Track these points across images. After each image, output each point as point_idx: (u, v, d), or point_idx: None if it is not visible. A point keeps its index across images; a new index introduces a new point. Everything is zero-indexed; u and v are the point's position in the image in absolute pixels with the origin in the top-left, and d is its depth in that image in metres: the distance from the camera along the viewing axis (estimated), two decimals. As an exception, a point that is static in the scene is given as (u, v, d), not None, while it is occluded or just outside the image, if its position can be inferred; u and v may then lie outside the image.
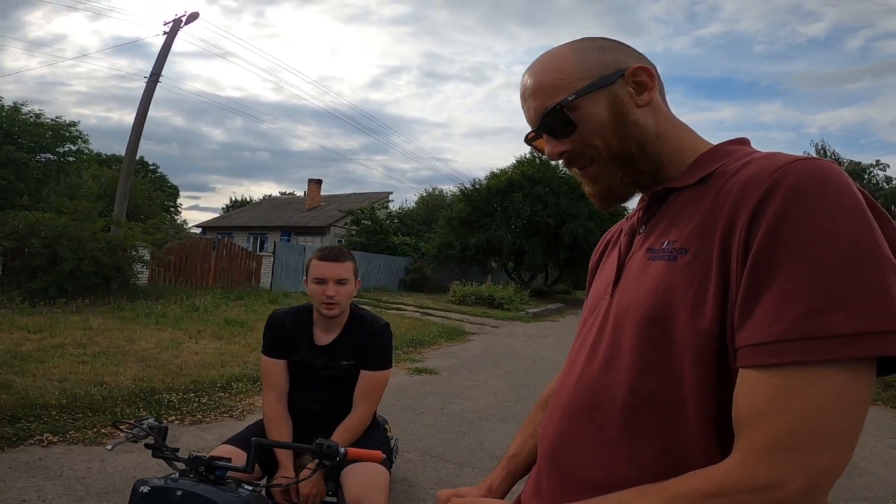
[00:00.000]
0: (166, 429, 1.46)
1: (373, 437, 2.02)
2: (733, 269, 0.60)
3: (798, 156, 0.61)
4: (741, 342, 0.57)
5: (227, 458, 1.43)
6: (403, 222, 28.63)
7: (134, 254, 10.87)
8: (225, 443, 1.91)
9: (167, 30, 13.25)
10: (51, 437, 3.32)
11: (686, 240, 0.66)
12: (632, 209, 0.88)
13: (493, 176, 23.03)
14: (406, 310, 13.83)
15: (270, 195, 43.94)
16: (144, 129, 12.79)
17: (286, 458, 1.86)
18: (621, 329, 0.71)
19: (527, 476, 0.94)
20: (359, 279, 2.04)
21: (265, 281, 15.80)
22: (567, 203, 21.04)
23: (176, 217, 38.72)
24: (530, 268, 24.44)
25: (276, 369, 2.02)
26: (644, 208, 0.79)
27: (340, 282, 1.95)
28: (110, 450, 1.44)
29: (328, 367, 2.00)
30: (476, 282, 18.86)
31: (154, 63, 12.97)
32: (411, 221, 29.22)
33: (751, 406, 0.56)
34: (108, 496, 2.70)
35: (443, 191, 34.10)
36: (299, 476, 1.70)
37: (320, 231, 26.11)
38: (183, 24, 13.36)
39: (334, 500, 1.85)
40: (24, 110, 18.71)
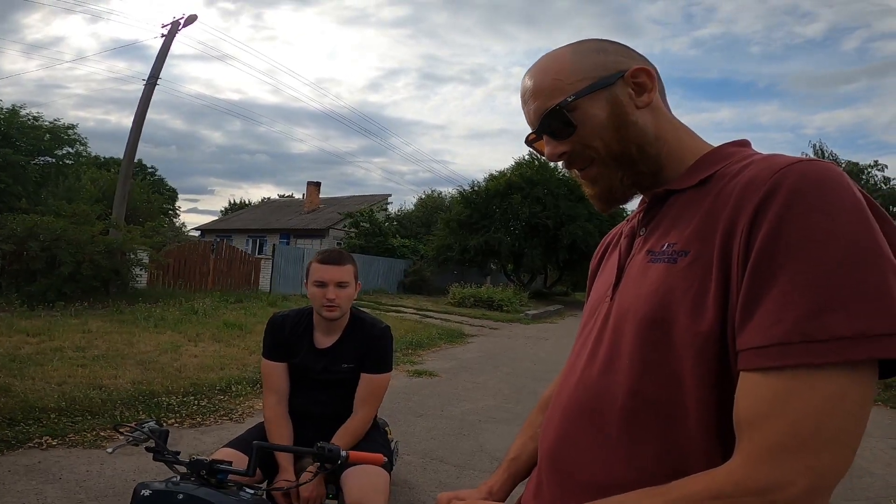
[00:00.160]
0: (167, 432, 1.46)
1: (373, 439, 2.02)
2: (734, 271, 0.59)
3: (798, 157, 0.61)
4: (742, 345, 0.57)
5: (229, 462, 1.42)
6: (402, 225, 28.63)
7: (132, 257, 10.86)
8: (225, 446, 1.91)
9: (165, 32, 13.28)
10: (50, 441, 3.31)
11: (686, 242, 0.66)
12: (631, 211, 0.88)
13: (492, 178, 23.07)
14: (405, 312, 13.81)
15: (269, 198, 44.02)
16: (143, 132, 12.81)
17: (286, 462, 1.85)
18: (621, 331, 0.70)
19: (527, 479, 0.93)
20: (359, 282, 2.04)
21: (264, 284, 15.78)
22: (566, 205, 21.06)
23: (174, 220, 38.77)
24: (529, 270, 24.44)
25: (276, 372, 2.01)
26: (644, 210, 0.78)
27: (341, 285, 1.94)
28: (111, 453, 1.44)
29: (328, 370, 1.99)
30: (475, 284, 18.87)
31: (152, 66, 12.99)
32: (410, 224, 29.22)
33: (752, 408, 0.55)
34: (107, 499, 2.69)
35: (441, 193, 34.21)
36: (300, 479, 1.70)
37: (319, 234, 26.11)
38: (181, 27, 13.39)
39: (335, 502, 1.85)
40: (22, 113, 18.68)
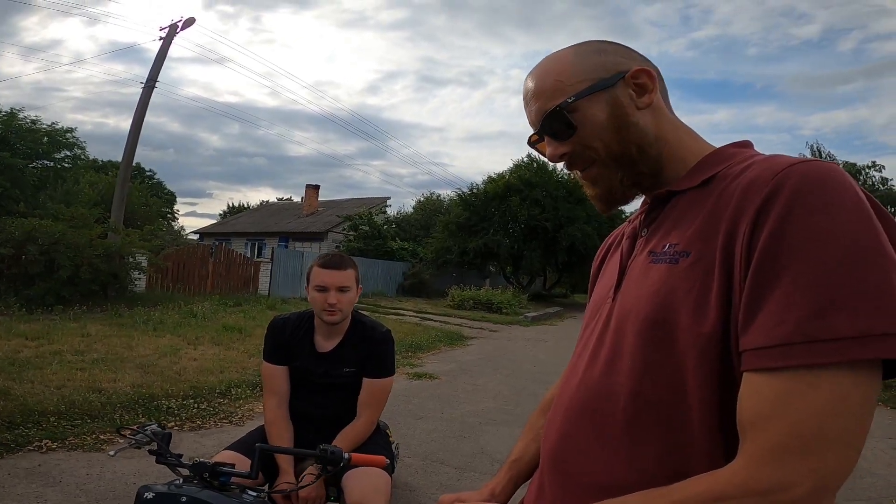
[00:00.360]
0: (170, 434, 1.46)
1: (375, 441, 2.01)
2: (736, 272, 0.59)
3: (800, 158, 0.61)
4: (745, 345, 0.57)
5: (231, 464, 1.43)
6: (401, 227, 28.59)
7: (131, 260, 10.85)
8: (226, 449, 1.90)
9: (163, 35, 13.29)
10: (49, 444, 3.30)
11: (688, 242, 0.66)
12: (632, 213, 0.88)
13: (491, 180, 23.06)
14: (405, 315, 13.80)
15: (268, 201, 43.99)
16: (141, 135, 12.82)
17: (287, 464, 1.85)
18: (623, 332, 0.70)
19: (530, 480, 0.93)
20: (360, 286, 2.03)
21: (263, 287, 15.77)
22: (565, 207, 21.06)
23: (173, 223, 38.71)
24: (528, 272, 24.43)
25: (276, 375, 2.01)
26: (646, 211, 0.78)
27: (342, 289, 1.93)
28: (113, 455, 1.44)
29: (330, 374, 1.99)
30: (474, 286, 18.87)
31: (150, 68, 13.02)
32: (409, 226, 29.18)
33: (755, 409, 0.55)
34: (108, 502, 2.68)
35: (440, 196, 34.08)
36: (302, 481, 1.70)
37: (318, 237, 26.09)
38: (179, 30, 13.42)
39: (336, 504, 1.85)
40: (21, 116, 18.68)
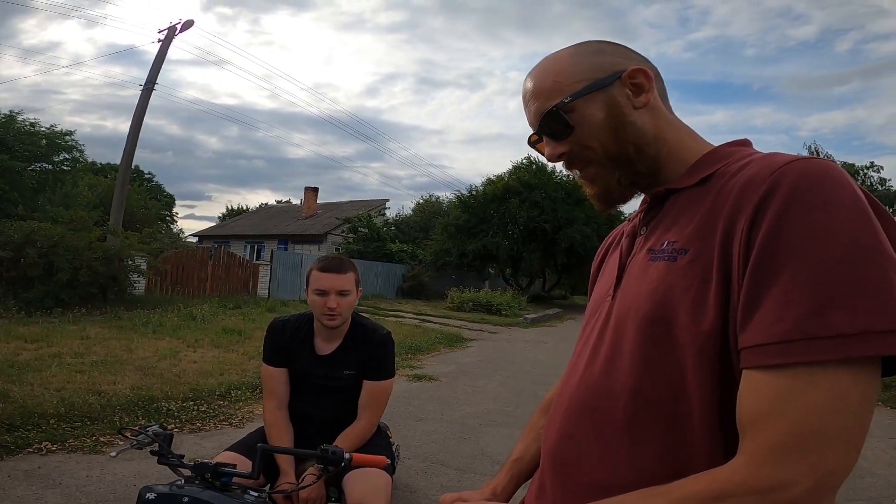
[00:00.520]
0: (171, 436, 1.46)
1: (376, 442, 2.01)
2: (734, 269, 0.59)
3: (797, 155, 0.61)
4: (744, 343, 0.57)
5: (233, 465, 1.43)
6: (400, 229, 28.59)
7: (130, 263, 10.85)
8: (227, 450, 1.90)
9: (162, 37, 13.26)
10: (49, 446, 3.30)
11: (686, 240, 0.66)
12: (630, 213, 0.88)
13: (490, 182, 23.09)
14: (404, 317, 13.80)
15: (267, 203, 43.91)
16: (139, 138, 12.82)
17: (287, 465, 1.85)
18: (623, 330, 0.71)
19: (531, 480, 0.93)
20: (360, 288, 2.02)
21: (262, 289, 15.77)
22: (564, 208, 21.08)
23: (172, 226, 38.71)
24: (528, 274, 24.45)
25: (276, 377, 2.00)
26: (645, 210, 0.79)
27: (342, 293, 1.91)
28: (115, 456, 1.45)
29: (330, 376, 1.98)
30: (474, 288, 18.87)
31: (149, 71, 13.01)
32: (408, 229, 29.18)
33: (755, 407, 0.55)
34: (108, 505, 2.69)
35: (439, 198, 34.07)
36: (303, 481, 1.70)
37: (317, 239, 26.07)
38: (178, 32, 13.39)
39: (337, 505, 1.85)
40: (20, 119, 18.65)
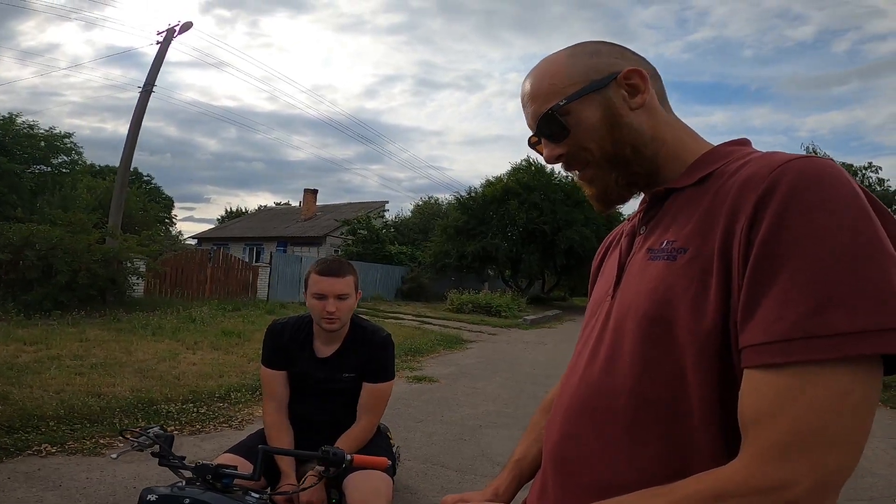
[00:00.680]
0: (172, 437, 1.46)
1: (377, 444, 2.01)
2: (734, 268, 0.59)
3: (796, 154, 0.61)
4: (744, 342, 0.57)
5: (234, 466, 1.43)
6: (399, 231, 28.61)
7: (129, 265, 10.82)
8: (227, 452, 1.90)
9: (161, 39, 13.25)
10: (49, 448, 3.29)
11: (686, 239, 0.66)
12: (630, 213, 0.88)
13: (489, 184, 23.11)
14: (404, 319, 13.80)
15: (266, 206, 43.96)
16: (138, 140, 12.81)
17: (288, 466, 1.84)
18: (622, 330, 0.70)
19: (532, 480, 0.93)
20: (359, 291, 2.00)
21: (262, 292, 15.76)
22: (563, 210, 21.10)
23: (171, 228, 38.69)
24: (527, 275, 24.44)
25: (275, 380, 2.00)
26: (644, 209, 0.79)
27: (341, 297, 1.90)
28: (115, 458, 1.44)
29: (329, 379, 1.98)
30: (473, 290, 18.86)
31: (148, 73, 13.00)
32: (407, 230, 29.21)
33: (756, 407, 0.55)
34: (108, 507, 2.68)
35: (438, 199, 34.14)
36: (304, 483, 1.70)
37: (316, 241, 26.07)
38: (176, 34, 13.38)
39: (337, 507, 1.85)
40: (19, 121, 18.66)
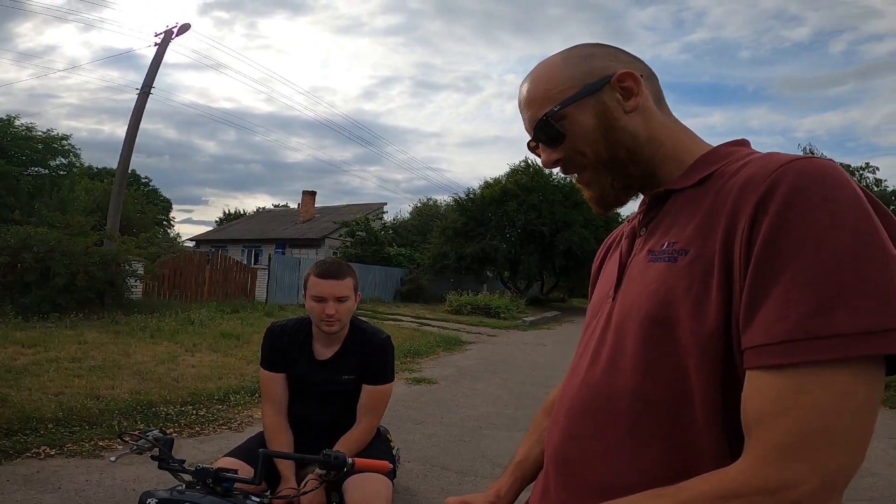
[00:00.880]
0: (172, 440, 1.46)
1: (376, 447, 2.00)
2: (736, 269, 0.59)
3: (796, 155, 0.61)
4: (747, 343, 0.57)
5: (234, 470, 1.42)
6: (398, 233, 28.63)
7: (127, 268, 10.81)
8: (226, 455, 1.89)
9: (158, 41, 13.26)
10: (48, 450, 3.28)
11: (687, 241, 0.66)
12: (629, 214, 0.88)
13: (487, 185, 23.15)
14: (403, 320, 13.79)
15: (264, 208, 43.90)
16: (136, 142, 12.81)
17: (288, 470, 1.83)
18: (624, 331, 0.70)
19: (534, 482, 0.93)
20: (358, 293, 2.00)
21: (260, 294, 15.73)
22: (561, 211, 21.12)
23: (169, 231, 38.66)
24: (526, 276, 24.44)
25: (274, 382, 1.99)
26: (644, 210, 0.78)
27: (340, 300, 1.89)
28: (114, 461, 1.44)
29: (329, 381, 1.97)
30: (472, 291, 18.85)
31: (145, 75, 13.00)
32: (406, 232, 29.23)
33: (759, 407, 0.55)
34: (107, 510, 2.67)
35: (437, 201, 34.20)
36: (305, 486, 1.69)
37: (315, 243, 26.03)
38: (174, 36, 13.39)
39: (338, 510, 1.84)
40: (16, 123, 18.62)
